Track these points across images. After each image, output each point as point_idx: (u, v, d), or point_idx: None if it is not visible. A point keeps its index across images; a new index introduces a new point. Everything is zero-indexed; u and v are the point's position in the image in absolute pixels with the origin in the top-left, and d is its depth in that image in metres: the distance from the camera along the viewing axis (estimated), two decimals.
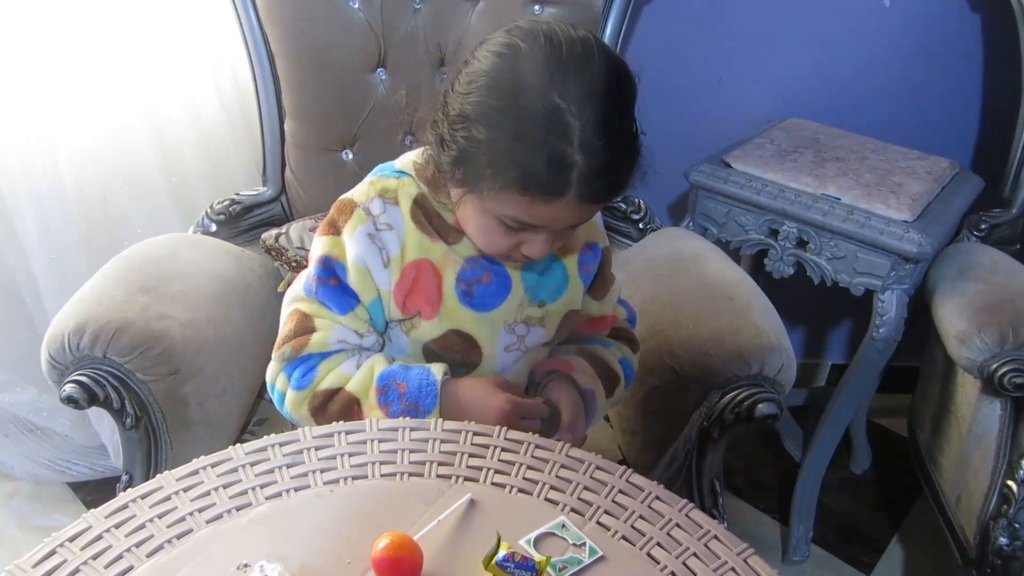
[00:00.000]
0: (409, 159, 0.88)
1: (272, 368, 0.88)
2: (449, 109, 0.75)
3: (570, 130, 0.69)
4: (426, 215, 0.85)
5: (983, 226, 1.43)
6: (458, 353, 0.88)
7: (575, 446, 0.80)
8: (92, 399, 1.00)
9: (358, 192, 0.86)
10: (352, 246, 0.84)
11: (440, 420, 0.79)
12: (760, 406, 1.00)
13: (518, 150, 0.71)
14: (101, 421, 1.57)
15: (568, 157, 0.70)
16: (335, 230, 0.85)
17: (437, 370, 0.84)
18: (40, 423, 1.62)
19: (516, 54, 0.72)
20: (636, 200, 1.43)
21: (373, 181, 0.87)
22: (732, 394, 1.02)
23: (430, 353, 0.89)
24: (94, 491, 1.66)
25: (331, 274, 0.85)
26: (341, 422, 0.79)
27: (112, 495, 0.70)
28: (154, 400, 1.04)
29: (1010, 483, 1.19)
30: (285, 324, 0.87)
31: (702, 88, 1.63)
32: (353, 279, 0.84)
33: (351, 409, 0.84)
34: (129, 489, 0.69)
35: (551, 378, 0.92)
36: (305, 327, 0.86)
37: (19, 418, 1.62)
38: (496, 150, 0.72)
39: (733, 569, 0.65)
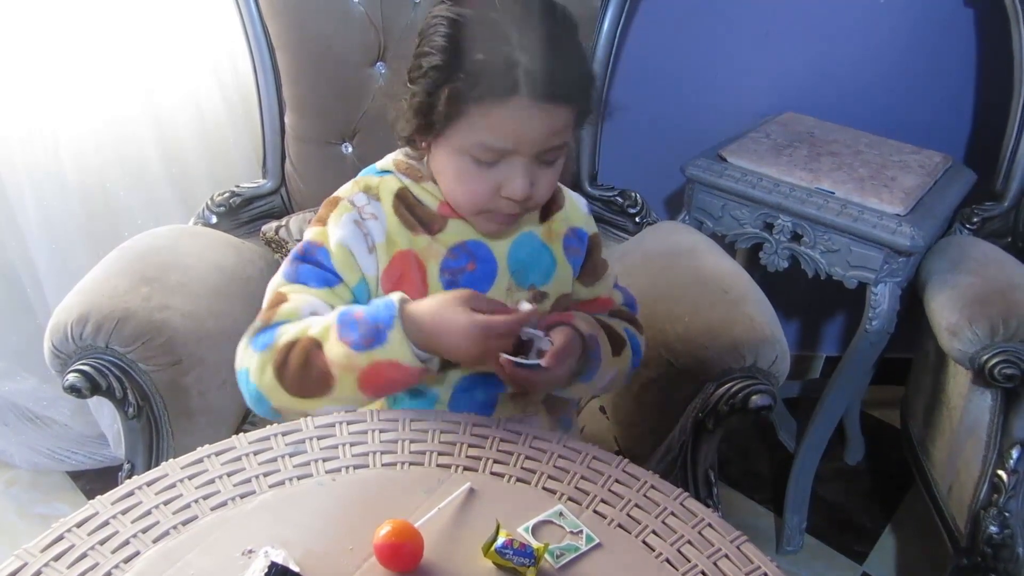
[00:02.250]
0: (390, 159, 0.91)
1: (240, 347, 0.83)
2: (410, 71, 0.81)
3: (510, 36, 0.75)
4: (408, 208, 0.87)
5: (975, 219, 1.45)
6: None
7: (558, 384, 0.83)
8: (95, 388, 1.01)
9: (343, 189, 0.90)
10: (336, 231, 0.85)
11: (441, 411, 0.80)
12: (754, 398, 1.01)
13: (465, 65, 0.76)
14: (101, 410, 1.58)
15: (511, 56, 0.74)
16: (322, 223, 0.87)
17: (395, 295, 0.80)
18: (40, 412, 1.63)
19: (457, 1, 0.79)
20: (633, 194, 1.44)
21: (357, 180, 0.90)
22: (727, 386, 1.03)
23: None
24: (93, 479, 1.67)
25: (312, 259, 0.86)
26: (310, 382, 0.76)
27: (112, 484, 0.71)
28: (156, 390, 1.05)
29: (1000, 473, 1.20)
30: (262, 307, 0.86)
31: (698, 82, 1.63)
32: (337, 260, 0.85)
33: (312, 356, 0.78)
34: (134, 477, 0.70)
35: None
36: (277, 302, 0.84)
37: (19, 407, 1.63)
38: (448, 75, 0.77)
39: (727, 556, 0.67)
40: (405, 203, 0.88)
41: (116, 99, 1.35)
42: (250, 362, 0.81)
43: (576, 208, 0.97)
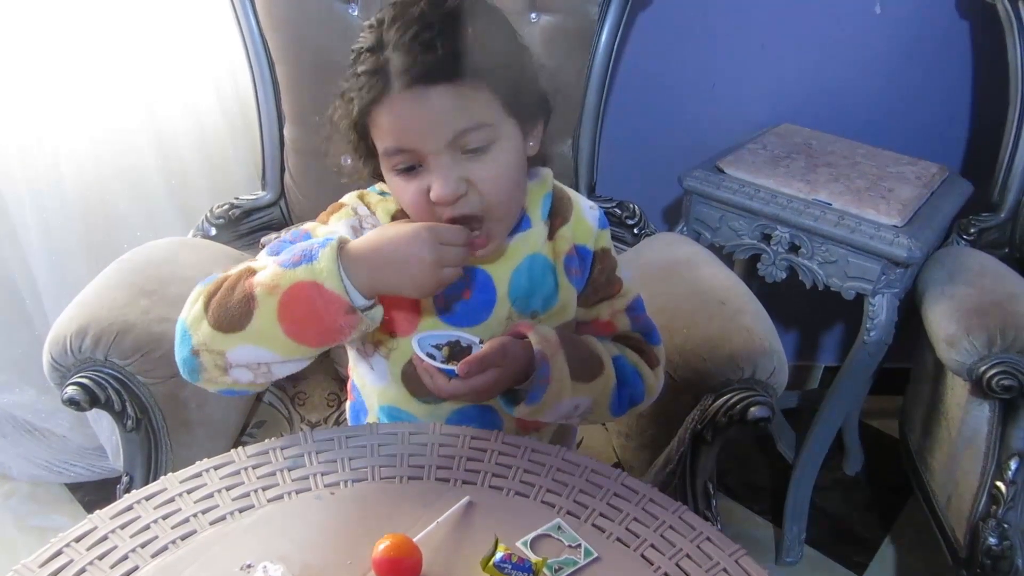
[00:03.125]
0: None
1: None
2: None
3: (384, 38, 0.74)
4: None
5: (972, 230, 1.45)
6: None
7: (479, 397, 0.78)
8: (94, 401, 1.01)
9: (345, 197, 0.89)
10: (332, 227, 0.84)
11: (440, 424, 0.80)
12: (752, 409, 1.01)
13: (352, 83, 0.77)
14: (100, 422, 1.58)
15: (380, 54, 0.74)
16: (321, 222, 0.87)
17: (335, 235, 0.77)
18: (38, 424, 1.63)
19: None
20: (631, 205, 1.45)
21: (360, 193, 0.89)
22: (725, 397, 1.03)
23: (409, 380, 0.86)
24: (92, 492, 1.67)
25: (297, 242, 0.80)
26: (232, 308, 0.71)
27: (110, 496, 0.71)
28: (155, 402, 1.05)
29: (999, 484, 1.20)
30: None
31: (696, 94, 1.64)
32: None
33: (241, 282, 0.73)
34: (132, 491, 0.70)
35: None
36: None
37: (17, 419, 1.63)
38: (345, 99, 0.79)
39: (725, 570, 0.67)
40: None
41: (116, 111, 1.36)
42: (188, 298, 0.76)
43: (583, 223, 0.91)
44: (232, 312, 0.71)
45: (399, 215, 0.85)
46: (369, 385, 0.93)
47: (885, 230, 1.29)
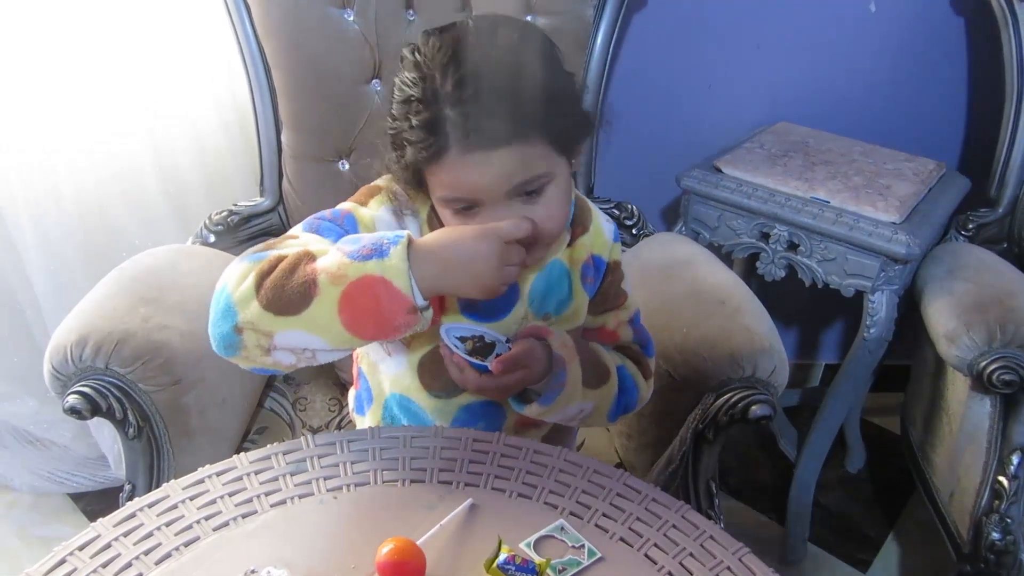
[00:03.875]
0: None
1: (227, 267, 0.75)
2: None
3: (440, 91, 0.73)
4: (439, 223, 0.85)
5: (970, 226, 1.45)
6: None
7: (504, 394, 0.80)
8: (95, 410, 1.01)
9: (381, 179, 0.87)
10: (374, 210, 0.84)
11: (441, 427, 0.80)
12: (753, 408, 1.01)
13: (407, 134, 0.75)
14: (101, 431, 1.58)
15: (438, 114, 0.73)
16: (358, 202, 0.85)
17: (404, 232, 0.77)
18: (40, 434, 1.63)
19: (404, 56, 0.77)
20: (629, 206, 1.45)
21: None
22: (726, 396, 1.03)
23: (424, 372, 0.88)
24: (95, 501, 1.67)
25: (337, 223, 0.81)
26: (290, 291, 0.69)
27: (113, 505, 0.71)
28: (156, 410, 1.05)
29: (1001, 479, 1.21)
30: None
31: (693, 94, 1.65)
32: (365, 231, 0.81)
33: (300, 264, 0.71)
34: (135, 499, 0.70)
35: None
36: (287, 237, 0.78)
37: (18, 429, 1.62)
38: (400, 145, 0.77)
39: (729, 568, 0.67)
40: (437, 218, 0.85)
41: (112, 119, 1.36)
42: (233, 272, 0.73)
43: (600, 234, 0.94)
44: (289, 295, 0.69)
45: (433, 213, 0.85)
46: (383, 372, 0.93)
47: (883, 227, 1.29)
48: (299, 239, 0.77)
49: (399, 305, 0.70)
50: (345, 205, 0.84)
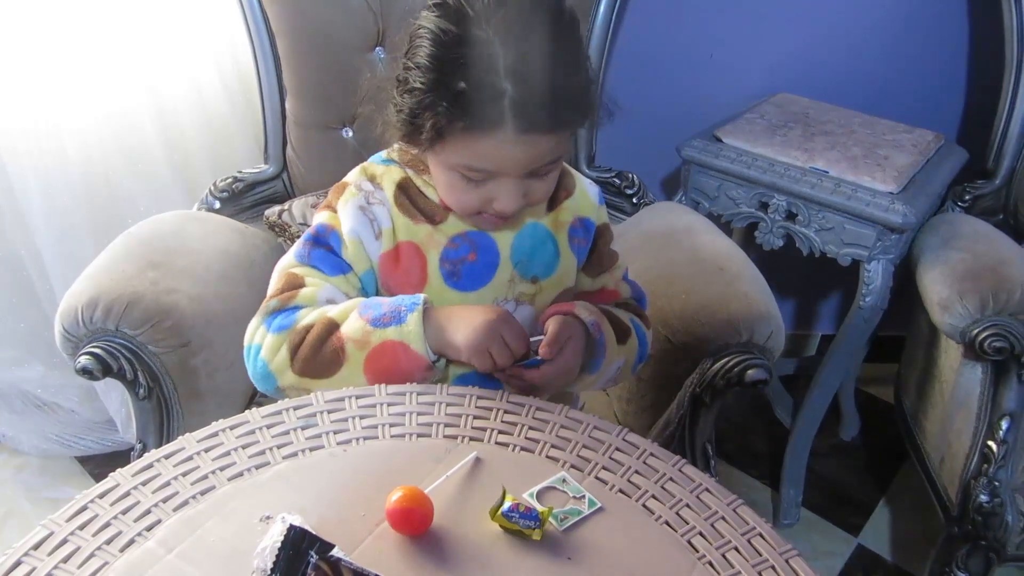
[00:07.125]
0: (395, 148, 0.90)
1: (252, 325, 0.85)
2: (398, 75, 0.79)
3: (497, 60, 0.72)
4: (409, 198, 0.88)
5: (967, 197, 1.47)
6: None
7: (568, 376, 0.83)
8: (106, 370, 1.03)
9: (349, 175, 0.91)
10: (346, 220, 0.86)
11: (445, 385, 0.82)
12: (750, 372, 1.04)
13: (448, 93, 0.74)
14: (109, 395, 1.61)
15: (497, 85, 0.72)
16: (331, 208, 0.88)
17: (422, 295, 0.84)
18: (48, 398, 1.66)
19: (446, 4, 0.75)
20: (630, 175, 1.47)
21: (364, 167, 0.91)
22: (723, 361, 1.06)
23: None
24: (102, 464, 1.69)
25: (324, 242, 0.87)
26: (321, 360, 0.80)
27: (121, 468, 0.73)
28: (166, 371, 1.08)
29: (990, 443, 1.23)
30: (273, 285, 0.87)
31: (694, 65, 1.65)
32: (348, 251, 0.86)
33: (330, 336, 0.81)
34: (152, 450, 0.73)
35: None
36: (294, 284, 0.85)
37: (27, 393, 1.65)
38: (435, 96, 0.75)
39: (724, 518, 0.70)
40: (407, 193, 0.88)
41: (118, 87, 1.37)
42: (263, 340, 0.83)
43: (586, 197, 0.95)
44: (321, 363, 0.81)
45: (405, 183, 0.88)
46: None
47: (881, 197, 1.31)
48: (308, 287, 0.84)
49: (417, 364, 0.81)
50: (323, 219, 0.88)
